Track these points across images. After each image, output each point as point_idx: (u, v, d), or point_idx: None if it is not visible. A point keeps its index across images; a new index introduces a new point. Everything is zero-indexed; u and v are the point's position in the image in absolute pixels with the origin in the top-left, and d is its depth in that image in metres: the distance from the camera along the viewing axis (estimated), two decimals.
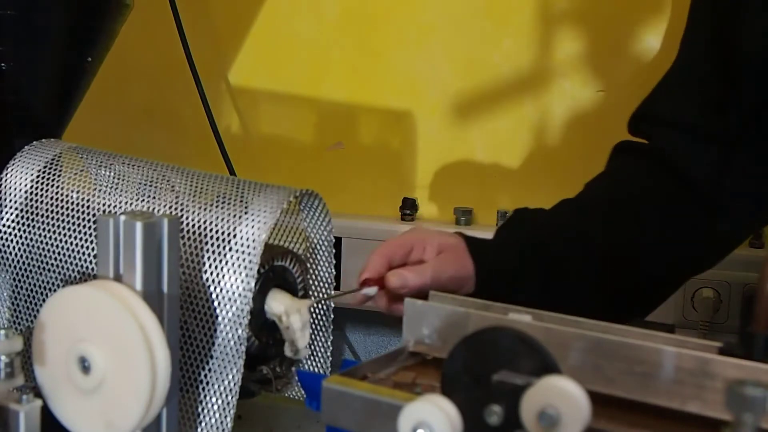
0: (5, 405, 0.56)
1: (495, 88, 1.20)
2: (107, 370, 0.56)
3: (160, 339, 0.56)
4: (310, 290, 0.77)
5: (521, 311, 0.57)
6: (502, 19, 1.19)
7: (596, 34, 1.16)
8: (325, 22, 1.26)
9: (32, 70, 0.85)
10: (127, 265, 0.57)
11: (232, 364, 0.64)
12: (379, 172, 1.27)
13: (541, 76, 1.18)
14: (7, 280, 0.74)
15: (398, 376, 0.58)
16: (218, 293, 0.64)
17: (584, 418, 0.44)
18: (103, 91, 1.03)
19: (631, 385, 0.51)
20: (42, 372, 0.59)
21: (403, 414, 0.46)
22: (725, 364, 0.49)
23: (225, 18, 1.32)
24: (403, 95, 1.24)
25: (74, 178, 0.75)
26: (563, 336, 0.53)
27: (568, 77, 1.17)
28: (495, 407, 0.47)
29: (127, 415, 0.56)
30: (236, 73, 1.31)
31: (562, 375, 0.46)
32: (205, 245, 0.66)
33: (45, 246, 0.71)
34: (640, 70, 1.14)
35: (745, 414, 0.41)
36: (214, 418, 0.65)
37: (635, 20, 1.15)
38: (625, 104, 0.90)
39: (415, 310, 0.60)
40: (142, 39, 1.25)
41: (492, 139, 1.20)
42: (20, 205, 0.73)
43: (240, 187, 0.70)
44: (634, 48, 1.15)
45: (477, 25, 1.20)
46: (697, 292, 1.08)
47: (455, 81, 1.21)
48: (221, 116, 1.29)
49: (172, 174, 0.73)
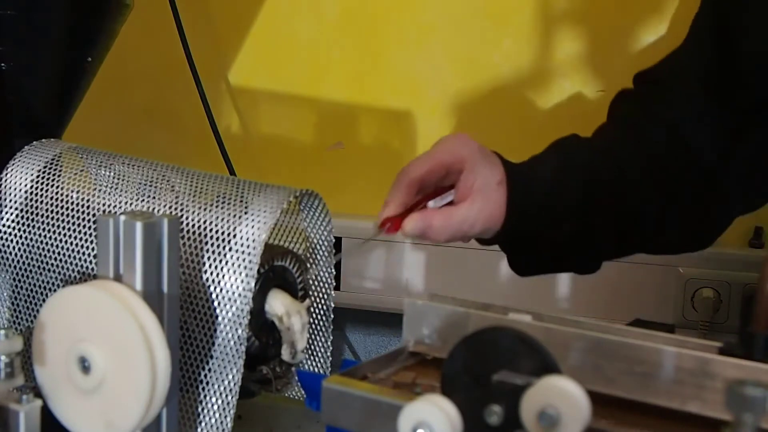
0: (5, 405, 0.56)
1: (495, 88, 1.20)
2: (107, 370, 0.56)
3: (160, 339, 0.56)
4: (310, 290, 0.77)
5: (521, 311, 0.57)
6: (502, 19, 1.19)
7: (596, 34, 1.16)
8: (325, 22, 1.26)
9: (32, 70, 0.85)
10: (127, 265, 0.57)
11: (232, 364, 0.64)
12: (379, 172, 1.27)
13: (541, 76, 1.18)
14: (7, 280, 0.74)
15: (398, 376, 0.58)
16: (218, 293, 0.64)
17: (584, 418, 0.44)
18: (103, 91, 1.02)
19: (631, 385, 0.51)
20: (42, 372, 0.59)
21: (403, 414, 0.46)
22: (725, 364, 0.49)
23: (225, 18, 1.31)
24: (403, 95, 1.24)
25: (74, 178, 0.75)
26: (563, 336, 0.53)
27: (568, 77, 1.17)
28: (495, 407, 0.47)
29: (127, 415, 0.56)
30: (236, 73, 1.31)
31: (562, 375, 0.46)
32: (205, 245, 0.66)
33: (45, 246, 0.71)
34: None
35: (745, 414, 0.41)
36: (214, 418, 0.65)
37: (635, 20, 1.15)
38: None
39: (415, 310, 0.60)
40: (142, 39, 1.25)
41: (492, 139, 1.20)
42: (20, 205, 0.73)
43: (240, 187, 0.70)
44: (634, 48, 1.15)
45: (477, 25, 1.20)
46: (697, 292, 1.08)
47: (455, 81, 1.21)
48: (221, 116, 1.29)
49: (172, 174, 0.73)
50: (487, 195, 0.75)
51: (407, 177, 0.73)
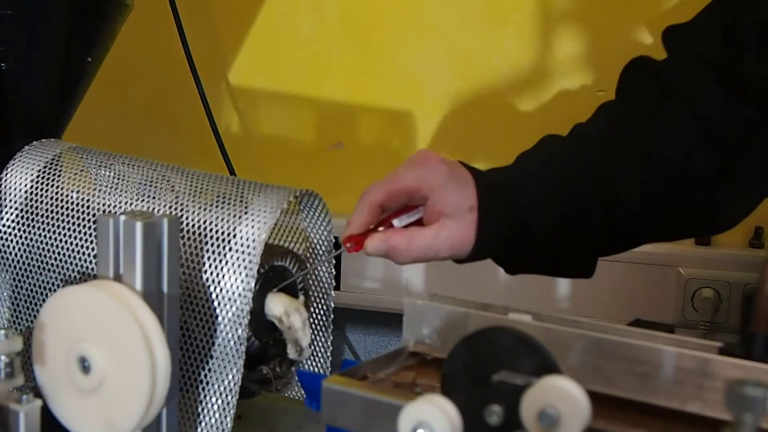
0: (5, 405, 0.56)
1: (495, 88, 1.20)
2: (107, 370, 0.56)
3: (160, 339, 0.56)
4: (310, 290, 0.77)
5: (521, 311, 0.57)
6: (502, 19, 1.19)
7: (596, 34, 1.16)
8: (325, 21, 1.26)
9: (32, 70, 0.85)
10: (127, 265, 0.57)
11: (231, 364, 0.64)
12: (379, 172, 1.27)
13: (541, 76, 1.18)
14: (7, 280, 0.74)
15: (398, 376, 0.58)
16: (218, 293, 0.64)
17: (584, 418, 0.44)
18: (103, 91, 1.03)
19: (631, 385, 0.51)
20: (42, 372, 0.59)
21: (403, 414, 0.46)
22: (725, 364, 0.49)
23: (225, 18, 1.31)
24: (403, 95, 1.24)
25: (74, 178, 0.75)
26: (563, 336, 0.53)
27: (568, 77, 1.17)
28: (495, 407, 0.47)
29: (127, 415, 0.56)
30: (236, 73, 1.31)
31: (562, 375, 0.46)
32: (205, 245, 0.66)
33: (45, 246, 0.71)
34: None
35: (745, 414, 0.41)
36: (214, 418, 0.65)
37: (635, 20, 1.14)
38: None
39: (415, 310, 0.60)
40: (142, 39, 1.25)
41: (491, 139, 1.20)
42: (20, 205, 0.73)
43: (240, 187, 0.70)
44: (634, 48, 1.15)
45: (477, 25, 1.20)
46: (697, 292, 1.08)
47: (455, 81, 1.21)
48: (221, 116, 1.29)
49: (172, 174, 0.73)
50: (456, 221, 0.72)
51: (367, 200, 0.72)
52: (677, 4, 1.11)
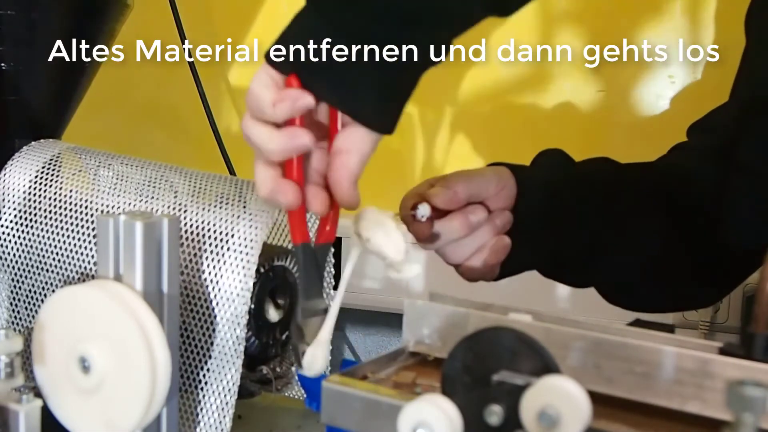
0: (5, 405, 0.56)
1: (495, 88, 1.20)
2: (107, 370, 0.56)
3: (160, 339, 0.56)
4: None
5: (521, 311, 0.57)
6: (502, 19, 1.19)
7: (596, 34, 1.16)
8: None
9: (32, 70, 0.85)
10: (127, 265, 0.57)
11: (230, 364, 0.64)
12: (379, 172, 1.27)
13: (541, 76, 1.18)
14: (7, 280, 0.74)
15: (398, 376, 0.58)
16: (217, 293, 0.64)
17: (584, 418, 0.44)
18: (103, 91, 1.02)
19: (631, 385, 0.51)
20: (42, 372, 0.59)
21: (403, 414, 0.46)
22: (725, 364, 0.49)
23: (225, 18, 1.31)
24: None
25: (73, 178, 0.75)
26: (563, 336, 0.53)
27: (568, 77, 1.17)
28: (495, 407, 0.47)
29: (127, 415, 0.56)
30: (236, 73, 1.31)
31: (562, 375, 0.46)
32: (204, 245, 0.66)
33: (44, 246, 0.71)
34: (640, 70, 1.14)
35: (745, 414, 0.41)
36: (213, 417, 0.65)
37: (635, 20, 1.14)
38: (624, 104, 0.90)
39: (415, 310, 0.60)
40: (142, 39, 1.25)
41: (492, 139, 1.20)
42: (19, 205, 0.73)
43: (240, 187, 0.70)
44: (634, 48, 1.15)
45: (477, 25, 1.20)
46: None
47: (455, 81, 1.21)
48: (221, 116, 1.29)
49: (172, 174, 0.73)
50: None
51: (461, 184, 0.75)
52: (675, 4, 1.11)
